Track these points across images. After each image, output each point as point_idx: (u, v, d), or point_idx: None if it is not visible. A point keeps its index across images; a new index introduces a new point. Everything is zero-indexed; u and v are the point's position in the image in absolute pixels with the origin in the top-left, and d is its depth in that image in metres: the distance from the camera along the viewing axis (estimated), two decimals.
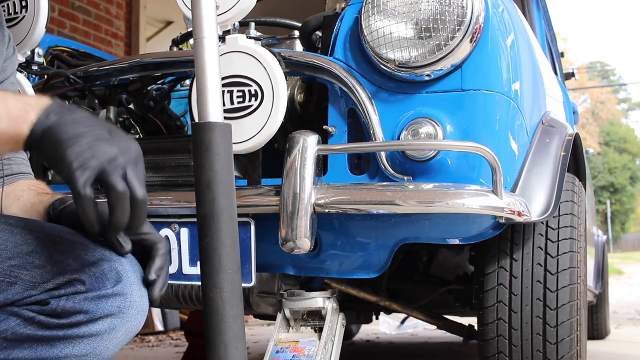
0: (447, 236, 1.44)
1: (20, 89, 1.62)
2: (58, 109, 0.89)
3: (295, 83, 1.63)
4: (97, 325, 0.94)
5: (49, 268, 0.93)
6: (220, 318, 0.98)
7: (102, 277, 0.94)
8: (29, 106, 0.88)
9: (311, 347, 1.49)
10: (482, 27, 1.38)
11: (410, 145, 1.37)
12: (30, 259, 0.94)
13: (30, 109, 0.88)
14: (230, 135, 1.04)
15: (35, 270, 0.93)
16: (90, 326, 0.93)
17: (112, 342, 0.96)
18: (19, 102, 0.89)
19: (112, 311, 0.94)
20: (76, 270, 0.93)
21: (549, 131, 1.72)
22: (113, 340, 0.96)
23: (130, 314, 0.97)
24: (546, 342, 1.49)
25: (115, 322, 0.95)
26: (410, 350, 4.00)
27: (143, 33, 5.48)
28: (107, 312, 0.94)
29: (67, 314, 0.92)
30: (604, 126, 40.77)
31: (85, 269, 0.94)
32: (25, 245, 0.95)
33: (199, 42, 1.03)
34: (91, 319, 0.93)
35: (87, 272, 0.94)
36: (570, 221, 1.57)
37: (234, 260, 1.00)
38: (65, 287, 0.93)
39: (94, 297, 0.93)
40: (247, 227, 1.44)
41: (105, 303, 0.94)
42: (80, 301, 0.92)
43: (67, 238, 0.97)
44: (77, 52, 2.01)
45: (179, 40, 2.10)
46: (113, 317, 0.95)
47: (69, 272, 0.93)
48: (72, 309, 0.92)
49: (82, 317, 0.93)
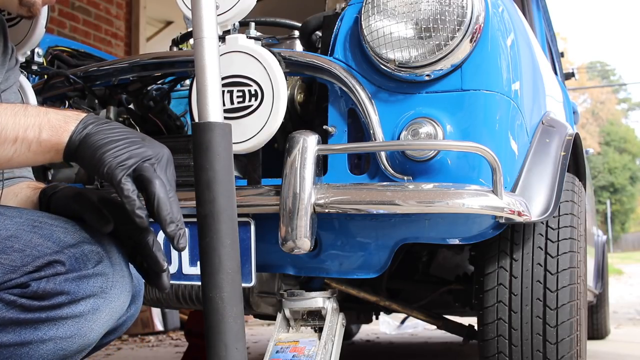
0: (447, 236, 1.44)
1: (21, 90, 1.62)
2: (95, 119, 0.96)
3: (295, 83, 1.63)
4: (80, 306, 0.94)
5: (28, 251, 0.93)
6: (220, 318, 0.98)
7: (82, 258, 0.95)
8: (68, 117, 0.96)
9: (311, 347, 1.49)
10: (482, 27, 1.38)
11: (410, 145, 1.37)
12: (9, 243, 0.94)
13: (69, 120, 0.96)
14: (230, 135, 1.04)
15: (14, 254, 0.93)
16: (72, 307, 0.93)
17: (96, 322, 0.96)
18: (59, 115, 0.96)
19: (94, 291, 0.95)
20: (56, 252, 0.94)
21: (549, 131, 1.72)
22: (97, 321, 0.96)
23: (113, 293, 0.97)
24: (546, 342, 1.50)
25: (98, 303, 0.96)
26: (410, 350, 4.00)
27: (143, 33, 5.48)
28: (88, 293, 0.94)
29: (48, 295, 0.92)
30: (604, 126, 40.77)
31: (65, 250, 0.94)
32: (4, 231, 0.95)
33: (199, 42, 1.03)
34: (73, 300, 0.93)
35: (67, 253, 0.94)
36: (570, 221, 1.57)
37: (234, 260, 1.00)
38: (45, 269, 0.93)
39: (74, 278, 0.93)
40: (247, 227, 1.44)
41: (86, 283, 0.94)
42: (61, 282, 0.93)
43: (46, 222, 0.98)
44: (77, 52, 2.00)
45: (179, 40, 2.10)
46: (95, 298, 0.95)
47: (49, 254, 0.93)
48: (53, 290, 0.92)
49: (64, 298, 0.93)
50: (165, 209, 0.92)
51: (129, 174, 0.91)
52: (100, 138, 0.93)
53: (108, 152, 0.92)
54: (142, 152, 0.93)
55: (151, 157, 0.93)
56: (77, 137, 0.94)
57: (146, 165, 0.92)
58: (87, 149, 0.93)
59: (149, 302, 1.92)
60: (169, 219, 0.93)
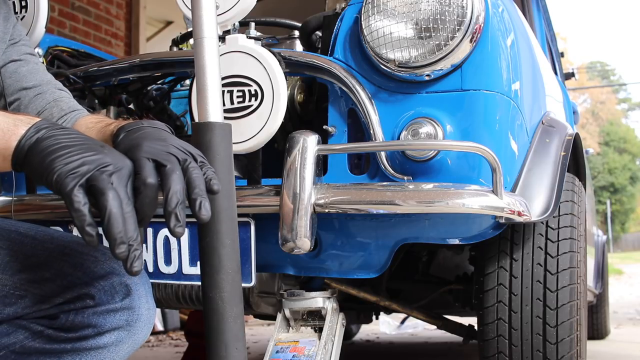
0: (447, 236, 1.44)
1: None
2: (49, 124, 0.84)
3: (295, 83, 1.63)
4: (105, 338, 0.94)
5: (59, 282, 0.93)
6: (220, 318, 0.98)
7: (111, 291, 0.95)
8: (19, 121, 0.84)
9: (311, 347, 1.49)
10: (482, 27, 1.38)
11: (410, 145, 1.37)
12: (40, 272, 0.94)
13: (19, 124, 0.84)
14: (230, 135, 1.04)
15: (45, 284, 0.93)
16: (97, 339, 0.94)
17: (118, 354, 0.97)
18: (9, 118, 0.85)
19: (119, 324, 0.95)
20: (86, 284, 0.94)
21: (549, 131, 1.72)
22: (119, 352, 0.97)
23: (137, 327, 0.97)
24: (546, 342, 1.49)
25: (122, 335, 0.96)
26: (410, 350, 4.00)
27: (143, 33, 5.48)
28: (114, 326, 0.95)
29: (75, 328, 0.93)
30: (604, 126, 40.77)
31: (94, 282, 0.94)
32: (35, 258, 0.95)
33: (199, 42, 1.03)
34: (99, 333, 0.94)
35: (97, 285, 0.94)
36: (570, 221, 1.57)
37: (234, 260, 1.00)
38: (75, 302, 0.93)
39: (102, 312, 0.94)
40: (247, 227, 1.44)
41: (113, 317, 0.94)
42: (90, 315, 0.93)
43: (76, 249, 0.97)
44: (77, 52, 2.00)
45: (179, 40, 2.10)
46: (120, 330, 0.95)
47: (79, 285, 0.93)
48: (81, 323, 0.93)
49: (91, 330, 0.93)
50: (116, 226, 0.76)
51: (81, 183, 0.76)
52: (52, 143, 0.80)
53: (59, 159, 0.78)
54: (98, 159, 0.78)
55: (108, 165, 0.78)
56: (27, 142, 0.81)
57: (102, 175, 0.77)
58: (36, 154, 0.80)
59: None
60: (120, 238, 0.76)
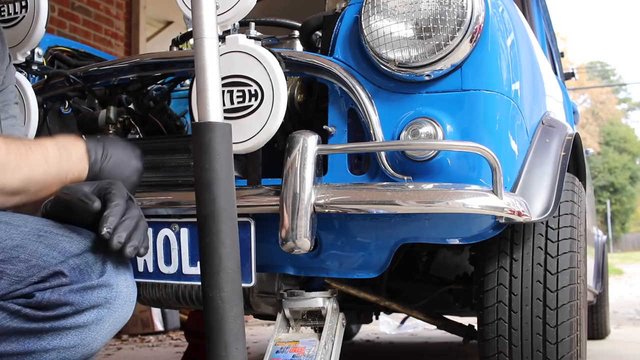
0: (447, 236, 1.44)
1: (20, 89, 1.62)
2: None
3: (295, 83, 1.63)
4: (84, 316, 0.94)
5: (34, 262, 0.94)
6: (220, 318, 0.98)
7: (87, 269, 0.95)
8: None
9: (311, 347, 1.49)
10: (482, 27, 1.38)
11: (410, 145, 1.37)
12: (15, 253, 0.95)
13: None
14: (230, 135, 1.04)
15: (20, 265, 0.94)
16: (76, 317, 0.94)
17: (99, 332, 0.97)
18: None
19: (98, 302, 0.95)
20: (60, 263, 0.94)
21: (549, 131, 1.72)
22: (100, 331, 0.97)
23: (117, 304, 0.97)
24: (546, 342, 1.49)
25: (102, 313, 0.96)
26: (410, 350, 4.00)
27: (143, 33, 5.48)
28: (93, 303, 0.95)
29: (52, 306, 0.93)
30: (604, 126, 40.75)
31: (69, 260, 0.95)
32: (10, 240, 0.95)
33: (199, 42, 1.03)
34: (77, 311, 0.94)
35: (72, 264, 0.94)
36: (570, 221, 1.57)
37: (234, 260, 1.00)
38: (50, 280, 0.93)
39: (79, 289, 0.94)
40: (247, 227, 1.44)
41: (90, 294, 0.94)
42: (66, 293, 0.93)
43: (52, 231, 0.98)
44: (77, 52, 2.00)
45: (179, 40, 2.10)
46: (99, 308, 0.95)
47: (54, 264, 0.94)
48: (57, 301, 0.93)
49: (68, 309, 0.93)
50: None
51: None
52: None
53: None
54: None
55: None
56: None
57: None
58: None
59: (149, 302, 1.92)
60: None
